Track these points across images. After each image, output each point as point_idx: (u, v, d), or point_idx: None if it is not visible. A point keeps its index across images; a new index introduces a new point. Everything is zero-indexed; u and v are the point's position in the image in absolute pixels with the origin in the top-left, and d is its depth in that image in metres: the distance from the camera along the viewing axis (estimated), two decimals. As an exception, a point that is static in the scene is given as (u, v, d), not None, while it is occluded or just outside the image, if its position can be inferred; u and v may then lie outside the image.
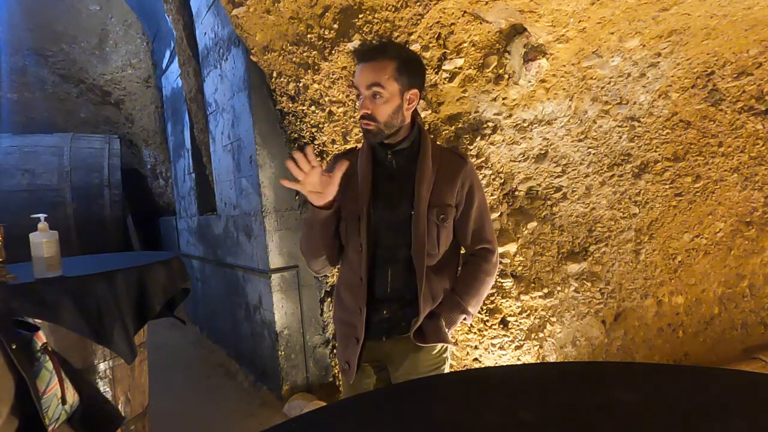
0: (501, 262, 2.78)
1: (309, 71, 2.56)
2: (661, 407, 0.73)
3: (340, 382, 3.11)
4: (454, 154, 1.48)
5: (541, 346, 2.84)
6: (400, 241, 1.40)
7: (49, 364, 1.13)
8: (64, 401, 1.15)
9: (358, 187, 1.41)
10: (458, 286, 1.46)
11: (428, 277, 1.39)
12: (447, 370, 1.52)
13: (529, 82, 2.47)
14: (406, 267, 1.39)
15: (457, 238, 1.49)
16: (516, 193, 2.79)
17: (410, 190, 1.39)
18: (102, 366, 1.88)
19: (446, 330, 1.42)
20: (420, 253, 1.38)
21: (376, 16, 2.30)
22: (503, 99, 2.57)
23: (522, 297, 2.80)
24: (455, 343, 2.77)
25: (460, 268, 1.53)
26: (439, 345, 1.45)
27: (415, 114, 1.44)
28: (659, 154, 2.93)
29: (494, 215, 2.78)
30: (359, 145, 1.51)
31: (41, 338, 1.15)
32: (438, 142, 2.64)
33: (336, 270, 1.69)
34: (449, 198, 1.42)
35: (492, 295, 2.79)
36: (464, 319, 1.46)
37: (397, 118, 1.36)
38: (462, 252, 1.55)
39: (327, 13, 2.33)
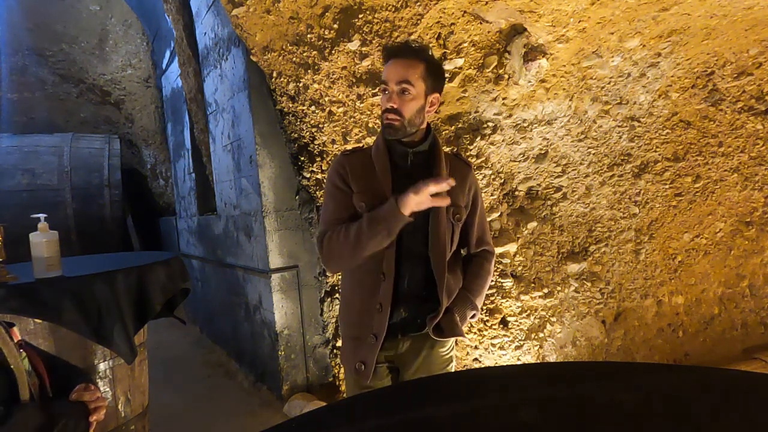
0: (501, 262, 2.78)
1: (309, 71, 2.56)
2: (661, 407, 0.73)
3: (343, 383, 3.11)
4: (460, 159, 1.54)
5: (541, 346, 2.84)
6: (417, 240, 1.41)
7: (26, 362, 1.12)
8: (44, 396, 1.14)
9: (378, 185, 1.40)
10: (467, 283, 1.51)
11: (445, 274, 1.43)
12: (453, 367, 1.54)
13: (529, 82, 2.47)
14: (423, 265, 1.41)
15: (460, 240, 1.53)
16: (516, 193, 2.79)
17: None
18: (102, 366, 1.87)
19: (460, 324, 1.47)
20: (440, 252, 1.41)
21: (376, 16, 2.30)
22: (503, 99, 2.57)
23: (522, 297, 2.80)
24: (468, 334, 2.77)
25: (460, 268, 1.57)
26: (449, 342, 1.50)
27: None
28: (659, 154, 2.93)
29: (494, 215, 2.78)
30: (364, 146, 1.53)
31: (16, 335, 1.14)
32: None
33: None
34: (461, 200, 1.47)
35: (492, 295, 2.79)
36: (473, 315, 1.51)
37: (419, 118, 1.39)
38: (463, 254, 1.60)
39: (327, 13, 2.33)
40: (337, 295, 3.05)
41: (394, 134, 1.38)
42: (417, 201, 1.27)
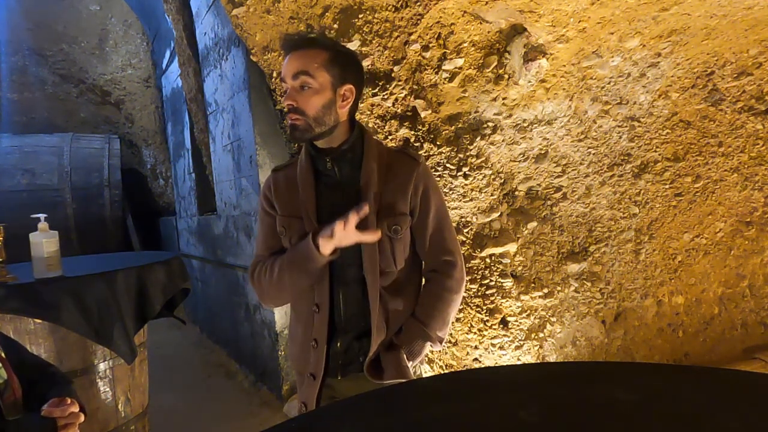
0: (501, 262, 2.78)
1: (309, 71, 2.55)
2: (661, 407, 0.73)
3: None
4: (405, 155, 1.32)
5: (541, 346, 2.84)
6: (350, 261, 1.23)
7: (3, 372, 1.11)
8: (17, 408, 1.13)
9: (301, 205, 1.23)
10: (419, 310, 1.29)
11: (383, 299, 1.23)
12: None
13: (529, 82, 2.47)
14: (360, 290, 1.23)
15: (415, 250, 1.33)
16: (516, 193, 2.79)
17: (357, 200, 1.22)
18: (102, 366, 1.88)
19: (407, 364, 1.25)
20: (372, 273, 1.21)
21: (376, 16, 2.30)
22: (503, 99, 2.57)
23: (522, 297, 2.80)
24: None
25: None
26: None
27: (353, 113, 1.28)
28: (659, 154, 2.93)
29: (494, 215, 2.78)
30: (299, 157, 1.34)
31: None
32: (438, 142, 2.65)
33: None
34: (401, 205, 1.25)
35: (492, 295, 2.79)
36: (430, 347, 1.29)
37: (329, 115, 1.19)
38: (423, 267, 1.38)
39: (327, 13, 2.33)
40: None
41: (300, 136, 1.19)
42: (339, 238, 1.11)
